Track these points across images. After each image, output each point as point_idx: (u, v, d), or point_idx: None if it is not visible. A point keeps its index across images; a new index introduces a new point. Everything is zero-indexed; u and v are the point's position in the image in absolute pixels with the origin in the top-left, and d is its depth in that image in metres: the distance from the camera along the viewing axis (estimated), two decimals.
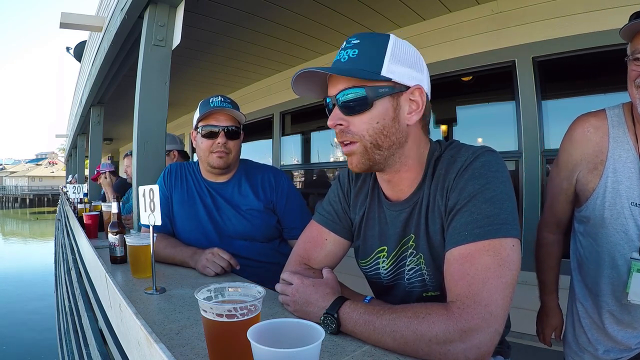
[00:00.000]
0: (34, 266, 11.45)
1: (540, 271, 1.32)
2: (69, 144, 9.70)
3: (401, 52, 0.77)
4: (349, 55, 0.77)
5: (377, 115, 0.76)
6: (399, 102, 0.77)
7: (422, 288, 0.84)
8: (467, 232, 0.70)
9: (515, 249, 0.69)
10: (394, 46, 0.76)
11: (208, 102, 1.45)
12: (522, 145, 2.56)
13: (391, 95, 0.76)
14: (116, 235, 1.42)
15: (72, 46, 7.50)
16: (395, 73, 0.75)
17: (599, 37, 2.22)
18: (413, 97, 0.78)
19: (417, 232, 0.82)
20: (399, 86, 0.76)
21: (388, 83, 0.75)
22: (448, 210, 0.76)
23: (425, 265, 0.81)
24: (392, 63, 0.75)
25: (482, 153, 0.76)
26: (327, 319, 0.76)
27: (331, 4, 2.76)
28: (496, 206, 0.70)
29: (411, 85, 0.77)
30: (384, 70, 0.75)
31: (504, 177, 0.74)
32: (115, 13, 2.46)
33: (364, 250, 0.93)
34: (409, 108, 0.78)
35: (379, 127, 0.76)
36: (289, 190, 1.54)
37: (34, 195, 52.58)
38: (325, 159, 4.47)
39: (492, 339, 0.63)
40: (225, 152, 1.44)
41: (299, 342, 0.49)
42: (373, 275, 0.93)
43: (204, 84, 4.89)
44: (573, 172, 1.11)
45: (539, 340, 1.39)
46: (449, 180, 0.77)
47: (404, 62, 0.77)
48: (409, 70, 0.77)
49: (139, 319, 0.62)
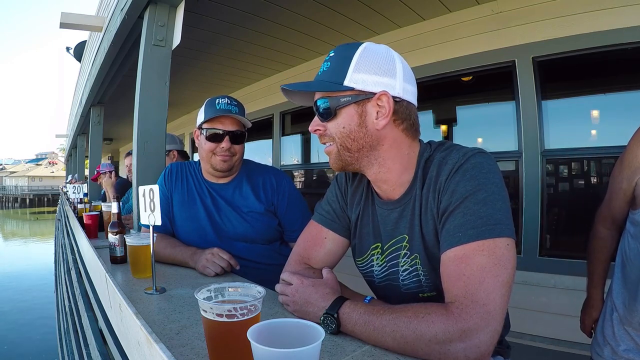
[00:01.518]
0: (34, 266, 11.45)
1: (590, 263, 1.33)
2: (69, 144, 9.70)
3: (367, 60, 0.80)
4: (323, 68, 0.84)
5: (342, 122, 0.82)
6: (364, 108, 0.81)
7: (418, 289, 0.85)
8: (461, 233, 0.71)
9: (509, 248, 0.69)
10: (360, 56, 0.80)
11: (214, 104, 1.42)
12: (522, 145, 2.56)
13: (356, 102, 0.80)
14: (116, 235, 1.42)
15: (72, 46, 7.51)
16: (358, 82, 0.79)
17: (599, 37, 2.22)
18: (380, 102, 0.80)
19: (412, 233, 0.83)
20: (364, 93, 0.79)
21: (351, 92, 0.80)
22: (440, 213, 0.76)
23: (422, 265, 0.82)
24: (356, 72, 0.79)
25: (473, 155, 0.76)
26: (327, 319, 0.76)
27: (331, 4, 2.76)
28: (489, 207, 0.71)
29: (377, 91, 0.79)
30: (346, 80, 0.79)
31: (496, 178, 0.74)
32: (115, 13, 2.46)
33: (360, 248, 0.95)
34: (376, 114, 0.80)
35: (345, 132, 0.82)
36: (291, 192, 1.53)
37: (34, 195, 52.59)
38: (325, 159, 4.44)
39: (491, 338, 0.64)
40: (229, 156, 1.43)
41: (299, 342, 0.49)
42: (367, 274, 0.95)
43: (204, 84, 4.89)
44: (635, 174, 1.09)
45: (580, 329, 1.40)
46: (440, 182, 0.77)
47: (369, 70, 0.79)
48: (374, 77, 0.79)
49: (139, 319, 0.62)
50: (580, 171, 2.59)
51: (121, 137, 9.83)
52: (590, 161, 2.51)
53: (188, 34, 2.47)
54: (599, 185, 2.46)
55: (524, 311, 2.42)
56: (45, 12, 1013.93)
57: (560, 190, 2.62)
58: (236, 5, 2.74)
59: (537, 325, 2.40)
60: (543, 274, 2.42)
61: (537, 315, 2.41)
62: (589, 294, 1.37)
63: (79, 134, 6.98)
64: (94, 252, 1.28)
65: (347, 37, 3.40)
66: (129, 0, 2.04)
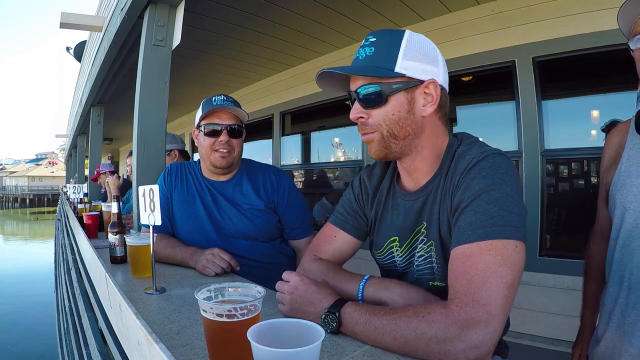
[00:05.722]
0: (34, 266, 11.45)
1: (583, 284, 1.24)
2: (69, 144, 9.70)
3: (415, 47, 0.81)
4: (366, 53, 0.82)
5: (392, 109, 0.81)
6: (413, 95, 0.81)
7: (430, 277, 0.85)
8: (471, 231, 0.71)
9: (518, 250, 0.69)
10: (408, 42, 0.80)
11: (211, 101, 1.44)
12: (522, 146, 2.56)
13: (405, 90, 0.80)
14: (116, 235, 1.42)
15: (72, 46, 7.50)
16: (408, 69, 0.79)
17: (599, 37, 2.22)
18: (427, 90, 0.81)
19: (430, 220, 0.84)
20: (413, 81, 0.80)
21: (402, 79, 0.80)
22: (454, 208, 0.77)
23: (435, 253, 0.83)
24: (406, 59, 0.79)
25: (492, 154, 0.77)
26: (329, 317, 0.76)
27: (331, 4, 2.76)
28: (501, 207, 0.70)
29: (425, 79, 0.81)
30: (397, 66, 0.79)
31: (512, 180, 0.74)
32: (115, 13, 2.46)
33: (377, 242, 0.97)
34: (424, 101, 0.82)
35: (394, 119, 0.81)
36: (291, 190, 1.54)
37: (34, 195, 52.57)
38: (325, 159, 4.47)
39: (491, 338, 0.63)
40: (228, 151, 1.44)
41: (299, 342, 0.49)
42: (389, 264, 0.95)
43: (204, 84, 4.89)
44: (606, 177, 1.10)
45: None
46: (455, 176, 0.79)
47: (417, 58, 0.80)
48: (422, 65, 0.81)
49: (139, 319, 0.62)
50: (580, 171, 2.59)
51: (121, 137, 9.82)
52: (590, 161, 2.51)
53: (188, 34, 2.46)
54: (599, 185, 2.46)
55: (523, 311, 2.42)
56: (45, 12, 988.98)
57: (560, 190, 2.62)
58: (236, 5, 2.73)
59: (536, 325, 2.40)
60: (543, 274, 2.42)
61: (537, 315, 2.41)
62: (581, 321, 1.24)
63: (79, 134, 6.97)
64: (94, 252, 1.28)
65: (347, 37, 3.41)
66: (129, 0, 2.04)
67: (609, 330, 1.03)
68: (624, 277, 0.98)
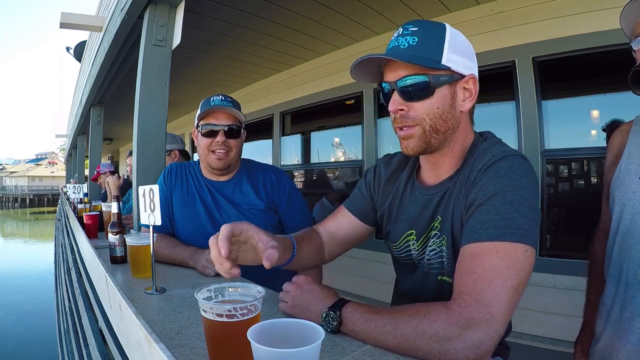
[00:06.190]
0: (33, 266, 11.45)
1: (587, 283, 1.25)
2: (69, 144, 9.70)
3: (457, 41, 0.80)
4: (409, 42, 0.79)
5: (437, 102, 0.79)
6: (455, 89, 0.81)
7: (439, 271, 0.85)
8: (482, 230, 0.70)
9: (527, 255, 0.68)
10: (451, 36, 0.79)
11: (209, 101, 1.44)
12: (522, 146, 2.56)
13: (449, 83, 0.79)
14: (116, 235, 1.42)
15: (72, 46, 7.50)
16: (453, 62, 0.79)
17: (599, 37, 2.22)
18: (467, 85, 0.81)
19: (444, 215, 0.84)
20: (456, 75, 0.80)
21: (447, 72, 0.79)
22: (468, 205, 0.76)
23: (446, 248, 0.82)
24: (451, 52, 0.78)
25: (512, 155, 0.76)
26: (330, 316, 0.76)
27: (331, 4, 2.76)
28: (515, 210, 0.69)
29: (466, 74, 0.81)
30: (444, 59, 0.78)
31: (529, 184, 0.73)
32: (115, 13, 2.46)
33: (394, 234, 0.97)
34: (463, 96, 0.82)
35: (438, 113, 0.80)
36: (291, 190, 1.54)
37: (34, 195, 52.54)
38: (325, 159, 4.47)
39: (492, 339, 0.63)
40: (225, 151, 1.43)
41: (299, 342, 0.49)
42: (405, 256, 0.95)
43: (204, 84, 4.89)
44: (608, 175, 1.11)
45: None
46: (473, 173, 0.78)
47: (460, 52, 0.80)
48: (464, 59, 0.81)
49: (139, 319, 0.62)
50: (580, 171, 2.59)
51: (121, 137, 9.83)
52: (590, 161, 2.51)
53: (188, 34, 2.46)
54: (599, 185, 2.46)
55: (524, 311, 2.42)
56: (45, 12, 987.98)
57: (560, 190, 2.62)
58: (236, 5, 2.74)
59: (537, 325, 2.40)
60: (543, 274, 2.42)
61: (537, 315, 2.41)
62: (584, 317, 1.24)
63: (79, 134, 6.97)
64: (94, 252, 1.28)
65: (347, 37, 3.41)
66: (129, 0, 2.04)
67: (607, 328, 1.03)
68: (621, 274, 0.98)
